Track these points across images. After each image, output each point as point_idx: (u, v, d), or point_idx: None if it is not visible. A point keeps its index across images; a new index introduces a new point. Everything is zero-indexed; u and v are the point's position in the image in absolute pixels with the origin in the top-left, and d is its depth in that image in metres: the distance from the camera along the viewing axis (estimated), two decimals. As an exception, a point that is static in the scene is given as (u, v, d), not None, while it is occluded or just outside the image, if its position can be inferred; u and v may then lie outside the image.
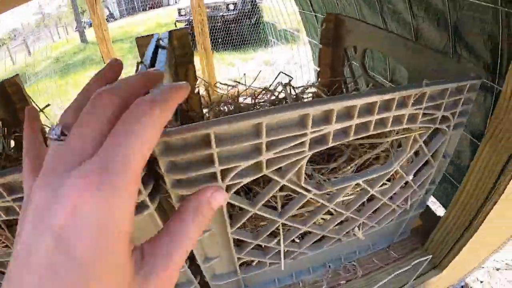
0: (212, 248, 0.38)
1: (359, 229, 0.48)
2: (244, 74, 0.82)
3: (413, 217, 0.54)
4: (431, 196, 0.54)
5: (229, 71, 3.37)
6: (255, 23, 3.80)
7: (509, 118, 0.34)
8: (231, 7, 3.80)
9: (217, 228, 0.34)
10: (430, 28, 0.75)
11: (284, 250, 0.41)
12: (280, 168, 0.30)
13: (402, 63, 0.56)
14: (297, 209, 0.36)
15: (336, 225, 0.43)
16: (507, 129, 0.34)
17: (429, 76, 0.49)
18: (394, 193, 0.44)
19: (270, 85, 0.76)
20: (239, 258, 0.40)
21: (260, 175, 0.28)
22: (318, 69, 0.84)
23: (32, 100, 0.67)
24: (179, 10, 4.07)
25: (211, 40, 2.16)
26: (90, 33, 6.01)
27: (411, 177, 0.42)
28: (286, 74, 0.79)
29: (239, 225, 0.34)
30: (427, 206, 0.57)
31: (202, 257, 0.38)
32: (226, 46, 3.81)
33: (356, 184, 0.38)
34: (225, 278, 0.43)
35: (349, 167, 0.44)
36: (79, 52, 5.98)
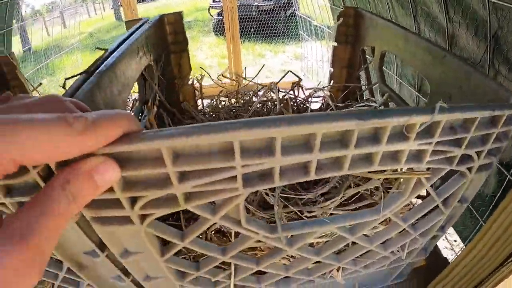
0: (150, 268, 0.33)
1: (338, 271, 0.41)
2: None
3: (412, 263, 0.45)
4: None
5: (259, 62, 3.30)
6: (290, 16, 3.66)
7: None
8: (268, -3, 3.68)
9: (146, 253, 0.29)
10: (467, 35, 0.64)
11: (235, 286, 0.36)
12: (212, 202, 0.24)
13: (423, 72, 0.47)
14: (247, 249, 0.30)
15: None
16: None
17: (454, 93, 0.39)
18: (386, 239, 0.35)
19: (277, 83, 0.69)
20: (182, 286, 0.35)
21: (178, 209, 0.22)
22: (332, 70, 0.75)
23: (26, 80, 0.66)
24: (214, -4, 4.03)
25: (243, 29, 2.10)
26: (125, 12, 6.12)
27: (410, 223, 0.33)
28: (295, 74, 0.71)
29: (170, 254, 0.29)
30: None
31: (140, 275, 0.34)
32: (258, 37, 3.71)
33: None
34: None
35: (329, 202, 0.37)
36: (113, 29, 6.08)
